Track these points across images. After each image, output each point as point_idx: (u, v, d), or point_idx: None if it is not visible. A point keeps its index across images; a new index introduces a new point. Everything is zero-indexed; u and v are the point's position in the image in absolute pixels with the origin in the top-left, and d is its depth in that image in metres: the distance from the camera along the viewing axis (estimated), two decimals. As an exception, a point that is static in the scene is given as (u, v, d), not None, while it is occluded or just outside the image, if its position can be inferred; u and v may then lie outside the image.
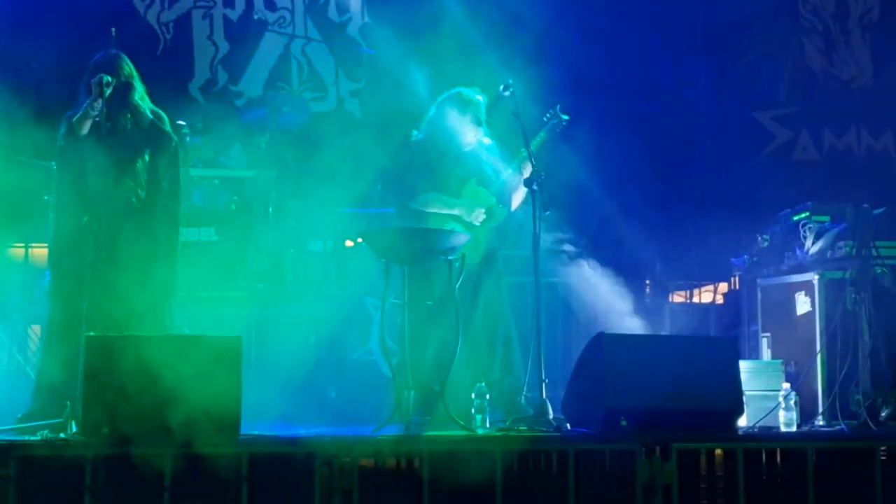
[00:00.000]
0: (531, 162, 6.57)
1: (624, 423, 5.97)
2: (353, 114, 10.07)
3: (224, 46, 9.91)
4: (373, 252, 6.54)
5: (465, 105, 6.93)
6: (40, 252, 7.88)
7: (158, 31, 9.78)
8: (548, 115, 6.92)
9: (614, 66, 9.40)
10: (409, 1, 9.29)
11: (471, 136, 6.96)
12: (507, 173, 6.90)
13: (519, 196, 6.86)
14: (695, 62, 9.99)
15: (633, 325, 7.29)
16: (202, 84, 9.81)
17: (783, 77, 10.63)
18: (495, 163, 7.01)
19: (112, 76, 6.26)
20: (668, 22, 9.75)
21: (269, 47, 9.98)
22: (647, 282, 9.50)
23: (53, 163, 6.64)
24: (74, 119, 6.24)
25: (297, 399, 7.15)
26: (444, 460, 5.68)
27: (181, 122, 8.31)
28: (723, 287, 9.73)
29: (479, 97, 6.94)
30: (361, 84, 10.04)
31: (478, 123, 6.96)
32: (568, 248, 7.42)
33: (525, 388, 6.62)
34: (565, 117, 6.90)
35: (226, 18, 9.94)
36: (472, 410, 6.20)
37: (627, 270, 9.07)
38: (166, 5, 9.81)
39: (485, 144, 7.02)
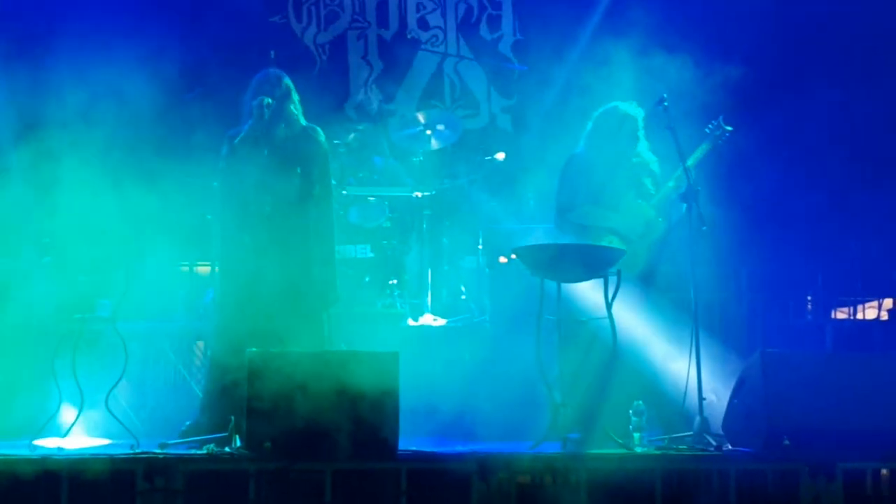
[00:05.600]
0: (687, 176, 6.49)
1: (787, 442, 5.84)
2: (505, 130, 10.11)
3: (378, 66, 10.06)
4: (526, 268, 6.53)
5: (621, 119, 6.86)
6: (205, 270, 8.10)
7: (315, 53, 9.99)
8: (710, 125, 6.80)
9: (777, 82, 9.20)
10: (562, 17, 9.29)
11: (628, 149, 6.90)
12: (666, 186, 6.80)
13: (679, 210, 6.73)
14: (855, 75, 9.69)
15: None
16: (357, 103, 9.96)
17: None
18: (654, 175, 6.92)
19: (271, 95, 6.42)
20: (827, 34, 9.49)
21: (422, 66, 10.09)
22: (809, 298, 9.27)
23: (215, 182, 6.81)
24: (237, 140, 6.40)
25: (454, 415, 7.19)
26: (602, 478, 5.64)
27: (337, 142, 8.47)
28: (888, 303, 9.44)
29: (637, 111, 6.86)
30: (514, 100, 10.08)
31: (635, 137, 6.89)
32: None
33: (685, 407, 6.51)
34: (729, 128, 6.77)
35: (380, 38, 10.09)
36: (630, 428, 6.15)
37: (788, 286, 8.90)
38: (322, 27, 10.02)
39: (643, 157, 6.94)
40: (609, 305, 6.30)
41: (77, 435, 6.14)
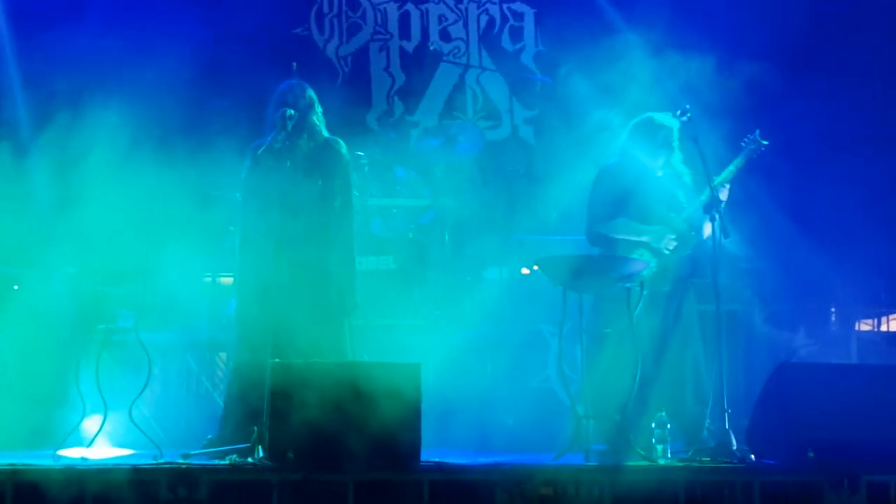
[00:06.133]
0: (711, 187, 6.46)
1: (811, 454, 5.81)
2: (527, 141, 10.11)
3: (400, 77, 10.08)
4: (549, 279, 6.52)
5: (656, 129, 6.81)
6: (228, 281, 8.13)
7: (337, 65, 10.02)
8: (746, 139, 6.75)
9: (797, 80, 9.16)
10: (584, 28, 9.28)
11: (662, 160, 6.86)
12: (698, 199, 6.75)
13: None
14: (882, 72, 9.63)
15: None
16: (379, 115, 10.00)
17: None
18: (686, 188, 6.88)
19: (295, 106, 6.43)
20: (852, 26, 9.43)
21: (444, 77, 10.11)
22: (833, 309, 9.23)
23: (238, 194, 6.83)
24: (259, 151, 6.42)
25: (475, 426, 7.18)
26: (625, 491, 5.61)
27: (360, 153, 8.49)
28: (912, 314, 9.38)
29: (672, 121, 6.79)
30: (536, 111, 10.08)
31: (669, 148, 6.84)
32: None
33: (708, 419, 6.49)
34: (765, 142, 6.73)
35: (402, 50, 10.12)
36: (653, 440, 6.12)
37: (811, 297, 8.86)
38: (345, 39, 10.05)
39: (676, 169, 6.90)
40: (632, 317, 6.29)
41: (100, 445, 6.16)
